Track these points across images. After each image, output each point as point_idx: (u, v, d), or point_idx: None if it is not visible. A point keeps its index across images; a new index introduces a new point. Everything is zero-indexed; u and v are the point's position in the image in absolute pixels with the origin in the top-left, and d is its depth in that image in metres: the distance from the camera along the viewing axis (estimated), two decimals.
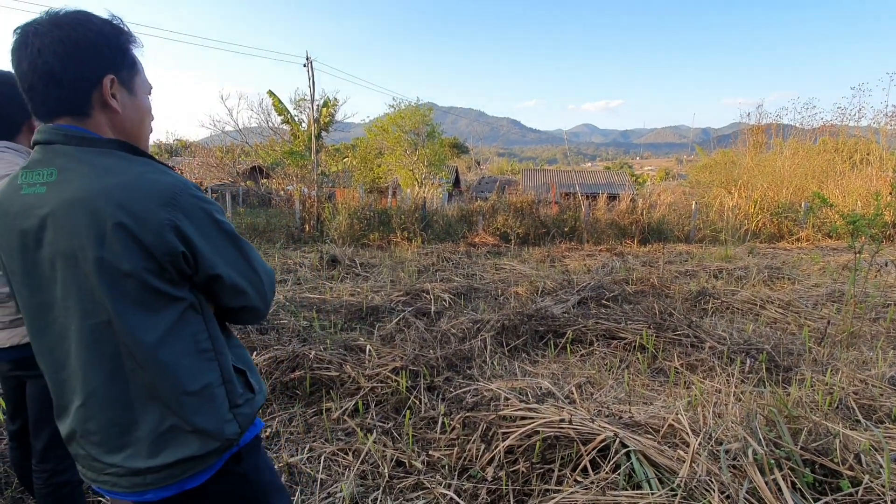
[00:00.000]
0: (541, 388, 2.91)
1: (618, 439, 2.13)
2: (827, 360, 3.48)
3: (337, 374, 3.12)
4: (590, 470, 2.07)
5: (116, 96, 0.94)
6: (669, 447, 2.16)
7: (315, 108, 17.92)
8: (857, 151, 14.15)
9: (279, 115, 19.99)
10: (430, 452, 2.39)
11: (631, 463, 2.03)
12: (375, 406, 2.90)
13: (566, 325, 4.08)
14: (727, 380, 3.10)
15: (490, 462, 2.21)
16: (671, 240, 11.53)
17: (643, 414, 2.51)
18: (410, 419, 2.69)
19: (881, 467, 1.95)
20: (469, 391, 2.90)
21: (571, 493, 1.95)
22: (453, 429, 2.52)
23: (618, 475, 2.00)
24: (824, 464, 1.99)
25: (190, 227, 0.88)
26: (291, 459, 2.38)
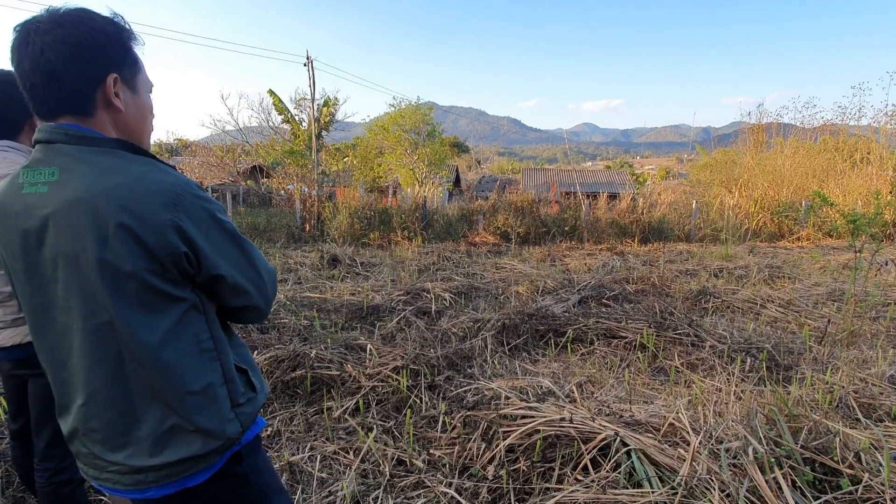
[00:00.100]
0: (541, 387, 2.91)
1: (618, 438, 2.13)
2: (827, 359, 3.48)
3: (338, 373, 3.12)
4: (590, 468, 2.07)
5: (119, 95, 0.93)
6: (670, 446, 2.17)
7: (315, 108, 17.90)
8: (858, 150, 14.14)
9: (279, 115, 19.94)
10: (431, 451, 2.39)
11: (631, 461, 2.03)
12: (376, 405, 2.91)
13: (567, 325, 4.09)
14: (728, 379, 3.10)
15: (491, 461, 2.21)
16: (672, 239, 11.52)
17: (644, 413, 2.51)
18: (411, 418, 2.70)
19: (881, 466, 1.95)
20: (470, 390, 2.90)
21: (572, 492, 1.95)
22: (454, 428, 2.52)
23: (618, 474, 2.00)
24: (824, 462, 1.99)
25: (192, 228, 0.88)
26: (292, 458, 2.39)
